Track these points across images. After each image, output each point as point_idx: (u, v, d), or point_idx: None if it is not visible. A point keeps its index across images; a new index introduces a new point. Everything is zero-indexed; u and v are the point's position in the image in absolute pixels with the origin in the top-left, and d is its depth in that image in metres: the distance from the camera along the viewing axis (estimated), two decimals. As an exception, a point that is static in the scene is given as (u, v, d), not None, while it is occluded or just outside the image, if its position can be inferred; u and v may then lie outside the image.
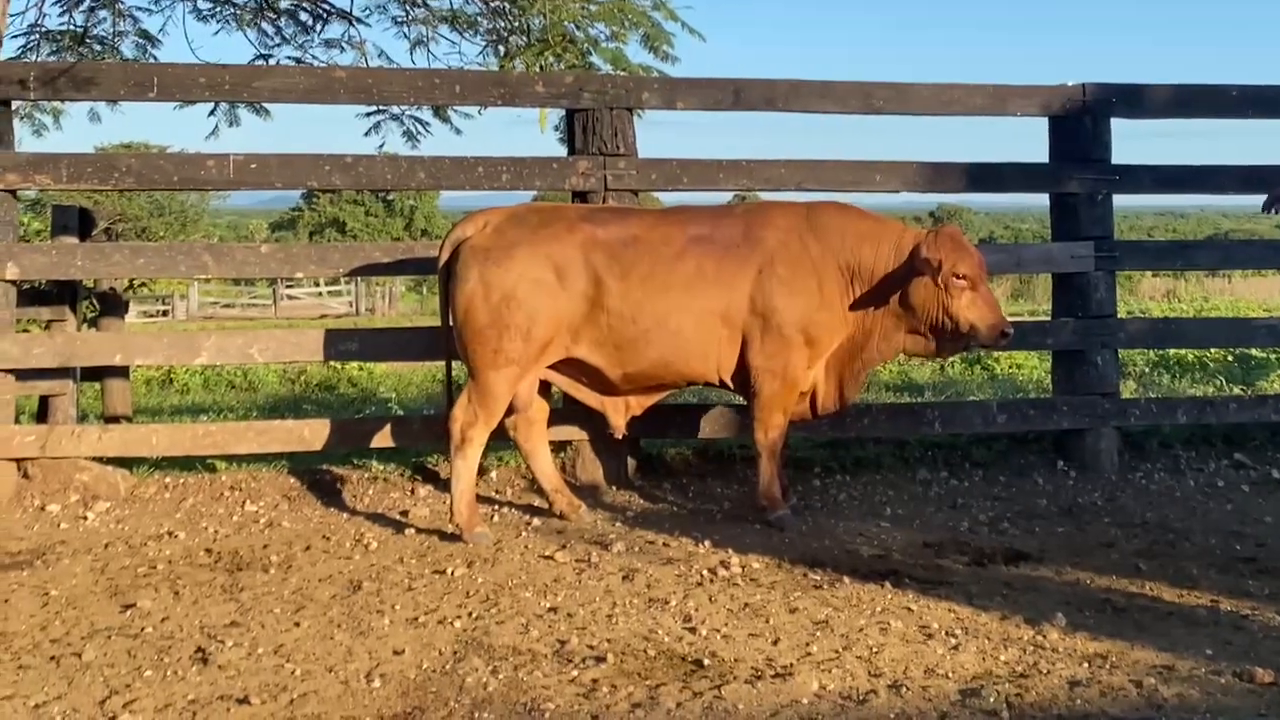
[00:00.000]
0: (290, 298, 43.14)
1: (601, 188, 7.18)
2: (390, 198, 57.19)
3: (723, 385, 6.39)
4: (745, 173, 7.47)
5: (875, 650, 4.50)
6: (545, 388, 6.54)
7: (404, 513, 6.71)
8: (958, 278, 6.13)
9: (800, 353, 6.22)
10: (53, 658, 4.53)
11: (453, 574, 5.56)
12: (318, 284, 43.38)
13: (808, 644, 4.58)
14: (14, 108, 7.36)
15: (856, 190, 7.61)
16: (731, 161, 7.45)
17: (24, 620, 4.97)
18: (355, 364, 13.95)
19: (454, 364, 6.49)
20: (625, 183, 7.22)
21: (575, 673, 4.31)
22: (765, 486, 6.38)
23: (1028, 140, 9.04)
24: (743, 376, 6.31)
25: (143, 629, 4.84)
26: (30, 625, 4.91)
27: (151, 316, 37.30)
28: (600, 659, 4.43)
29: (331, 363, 13.18)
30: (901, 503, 6.93)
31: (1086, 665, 4.31)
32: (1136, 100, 7.91)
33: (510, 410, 6.41)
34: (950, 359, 11.25)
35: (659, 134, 7.80)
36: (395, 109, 9.54)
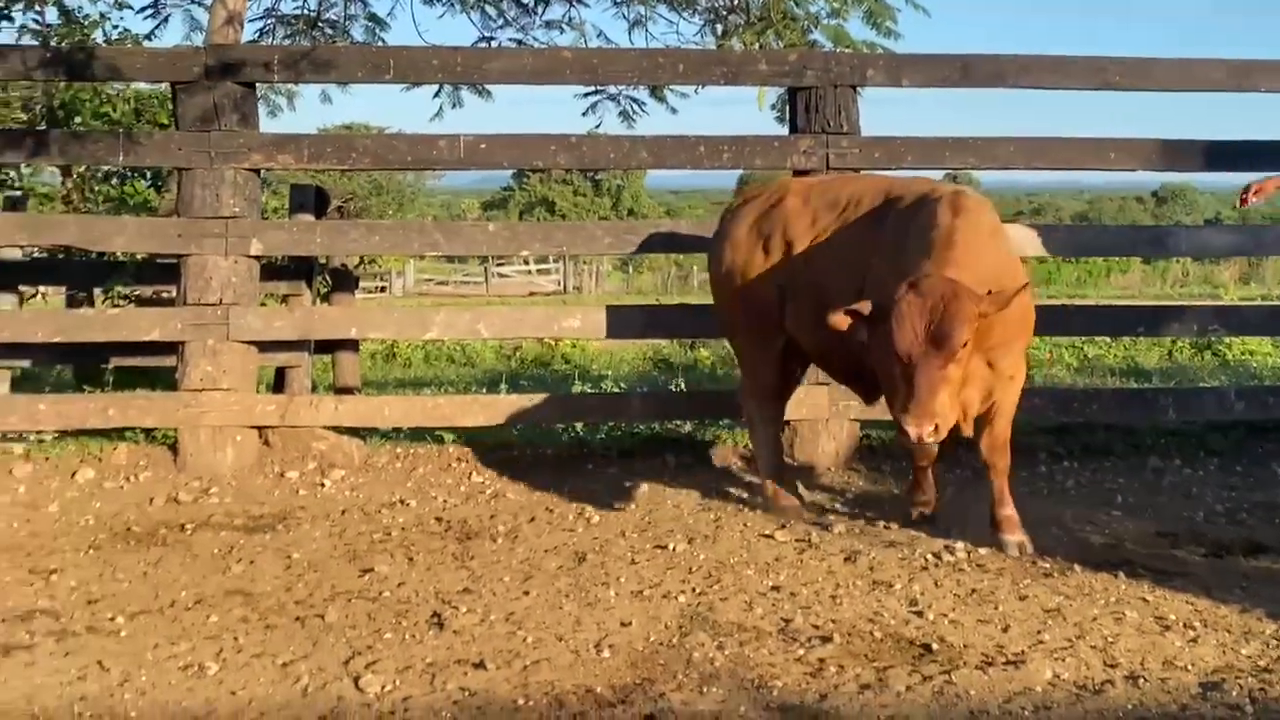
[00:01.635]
0: (501, 275, 43.99)
1: (823, 166, 7.13)
2: (599, 177, 57.84)
3: None
4: (972, 151, 7.33)
5: (1110, 640, 4.38)
6: None
7: (623, 488, 6.78)
8: None
9: None
10: (297, 618, 4.73)
11: (674, 549, 5.61)
12: (526, 262, 44.13)
13: (1039, 632, 4.49)
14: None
15: (1089, 168, 7.40)
16: (958, 139, 7.32)
17: (269, 581, 5.21)
18: (569, 340, 14.17)
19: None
20: (847, 161, 7.15)
21: (801, 652, 4.32)
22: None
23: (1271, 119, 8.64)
24: None
25: (381, 593, 5.02)
26: (275, 586, 5.14)
27: (370, 292, 38.50)
28: (826, 639, 4.43)
29: (547, 339, 13.41)
30: (1132, 491, 6.71)
31: (1337, 664, 4.13)
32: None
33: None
34: None
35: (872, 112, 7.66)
36: (612, 89, 9.63)
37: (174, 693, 4.02)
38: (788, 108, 7.56)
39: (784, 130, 7.78)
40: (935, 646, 4.35)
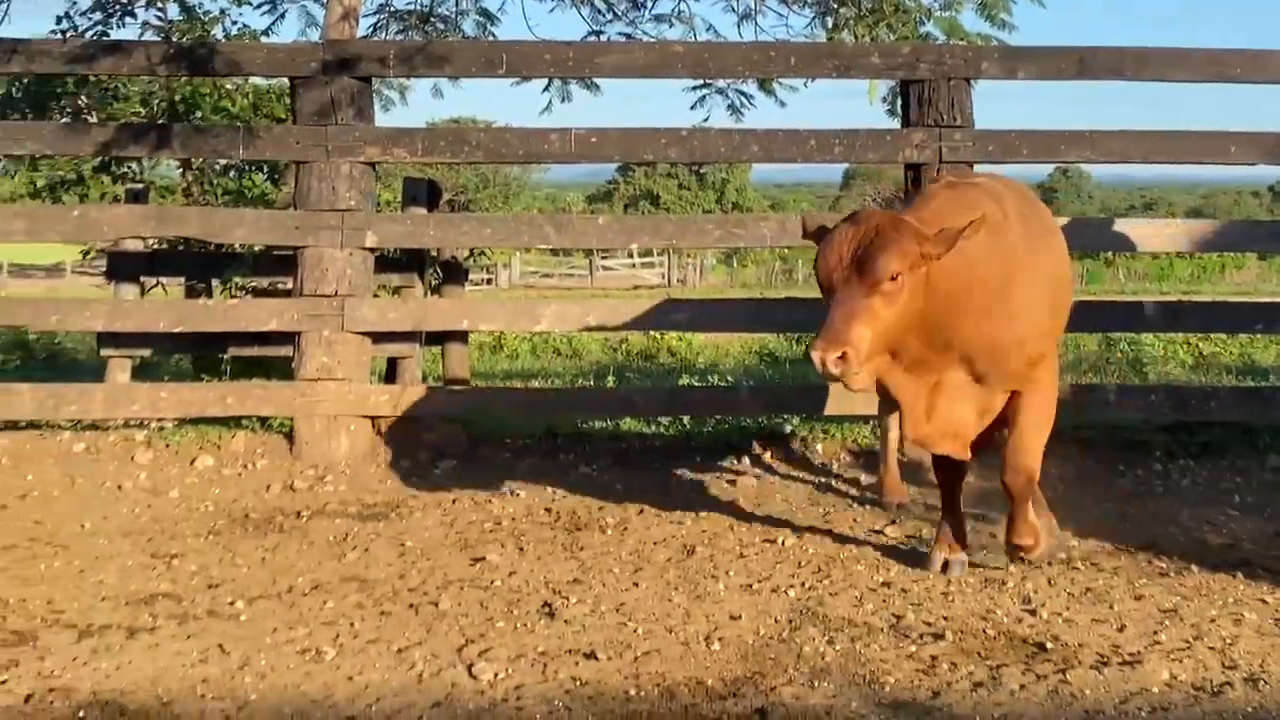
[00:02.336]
0: (605, 268, 44.21)
1: (936, 160, 7.06)
2: (703, 171, 57.79)
3: None
4: (1088, 144, 7.21)
5: (1229, 642, 4.31)
6: None
7: (731, 481, 6.79)
8: None
9: None
10: (411, 605, 4.81)
11: (783, 543, 5.61)
12: (631, 255, 44.27)
13: (1155, 632, 4.43)
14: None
15: (1208, 162, 7.24)
16: (1073, 132, 7.21)
17: (383, 569, 5.29)
18: (674, 334, 14.19)
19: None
20: (961, 155, 7.08)
21: (913, 648, 4.30)
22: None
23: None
24: None
25: (492, 581, 5.08)
26: (389, 574, 5.22)
27: (476, 284, 38.88)
28: (938, 636, 4.40)
29: (652, 332, 13.45)
30: (1250, 490, 6.57)
31: None
32: None
33: None
34: None
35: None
36: (720, 82, 9.62)
37: (292, 676, 4.11)
38: (899, 101, 7.50)
39: (894, 123, 7.72)
40: (1049, 645, 4.31)
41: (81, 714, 3.81)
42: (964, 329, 4.68)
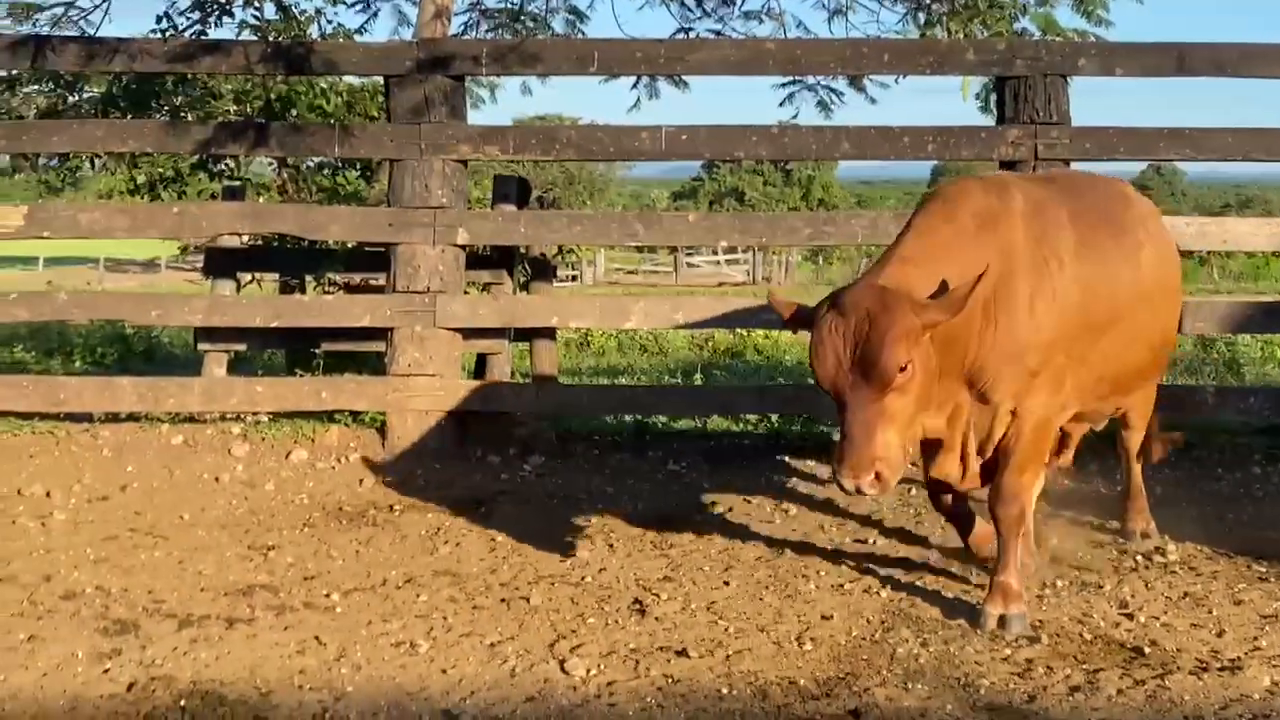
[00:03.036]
0: (690, 265, 44.15)
1: (1031, 157, 6.97)
2: (789, 167, 57.49)
3: None
4: (1188, 141, 7.08)
5: (1332, 650, 4.22)
6: None
7: (820, 481, 6.76)
8: None
9: None
10: (503, 600, 4.85)
11: (874, 543, 5.59)
12: (715, 252, 44.17)
13: (1256, 638, 4.37)
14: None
15: (1310, 160, 7.09)
16: (1173, 130, 7.08)
17: (475, 563, 5.34)
18: (761, 332, 14.14)
19: None
20: (1057, 152, 6.98)
21: (1008, 651, 4.26)
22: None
23: None
24: None
25: (583, 577, 5.11)
26: (481, 568, 5.27)
27: (561, 281, 39.04)
28: (1033, 639, 4.36)
29: (739, 329, 13.41)
30: (1354, 495, 6.43)
31: None
32: None
33: None
34: None
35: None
36: (810, 79, 9.56)
37: (387, 668, 4.17)
38: (994, 97, 7.42)
39: (987, 120, 7.64)
40: (1147, 650, 4.27)
41: (183, 703, 3.90)
42: (968, 351, 4.35)
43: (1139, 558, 5.31)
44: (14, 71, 9.53)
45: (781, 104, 9.66)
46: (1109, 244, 4.83)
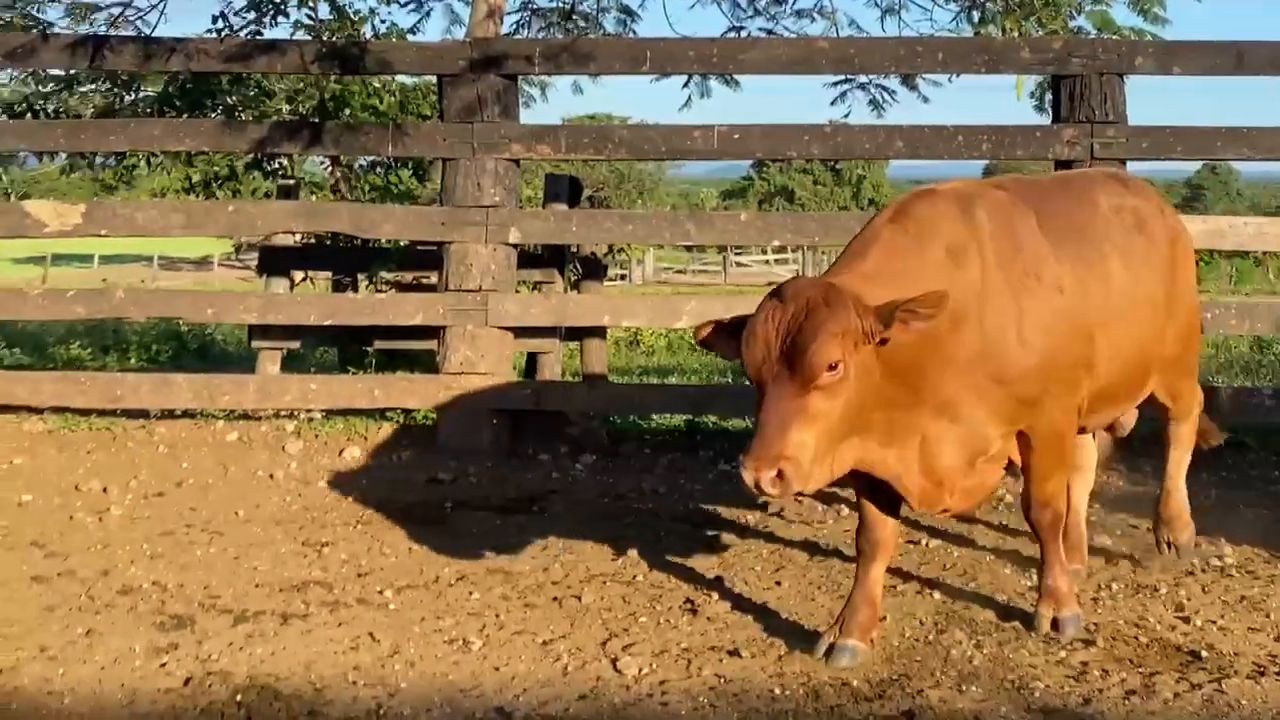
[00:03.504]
0: (739, 265, 44.11)
1: (1087, 156, 6.91)
2: (839, 167, 57.29)
3: None
4: (1246, 141, 7.01)
5: (1392, 655, 4.16)
6: None
7: (872, 481, 6.73)
8: None
9: None
10: (555, 598, 4.85)
11: (927, 545, 5.56)
12: (764, 252, 44.11)
13: (1315, 643, 4.30)
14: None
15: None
16: (1231, 129, 7.02)
17: (527, 561, 5.35)
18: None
19: None
20: (1113, 152, 6.92)
21: (1063, 654, 4.22)
22: None
23: None
24: None
25: (634, 576, 5.11)
26: (533, 566, 5.28)
27: (610, 281, 39.09)
28: (1089, 642, 4.32)
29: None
30: None
31: None
32: None
33: None
34: None
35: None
36: (862, 77, 9.52)
37: (440, 665, 4.18)
38: (1049, 96, 7.38)
39: (1042, 119, 7.60)
40: (1204, 654, 4.21)
41: (239, 697, 3.92)
42: (929, 381, 4.03)
43: (1195, 561, 5.24)
44: (72, 71, 9.64)
45: (833, 102, 9.65)
46: (1085, 247, 4.50)
